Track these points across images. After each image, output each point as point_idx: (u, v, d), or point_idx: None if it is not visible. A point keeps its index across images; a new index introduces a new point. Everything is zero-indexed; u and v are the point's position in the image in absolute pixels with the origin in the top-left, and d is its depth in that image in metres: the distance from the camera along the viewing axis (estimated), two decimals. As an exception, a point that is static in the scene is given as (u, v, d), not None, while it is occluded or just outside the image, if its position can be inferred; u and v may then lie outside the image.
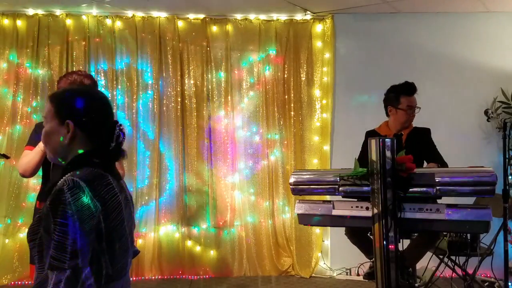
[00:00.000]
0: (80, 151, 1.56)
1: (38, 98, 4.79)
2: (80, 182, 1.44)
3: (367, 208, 2.73)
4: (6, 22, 4.81)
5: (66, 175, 1.48)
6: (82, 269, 1.38)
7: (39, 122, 2.91)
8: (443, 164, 3.32)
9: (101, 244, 1.47)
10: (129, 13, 4.93)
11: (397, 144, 2.73)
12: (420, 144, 3.40)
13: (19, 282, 4.61)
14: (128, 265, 1.62)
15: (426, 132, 3.52)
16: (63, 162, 1.59)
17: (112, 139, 1.59)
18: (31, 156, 2.73)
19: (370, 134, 3.51)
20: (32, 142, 2.80)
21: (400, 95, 3.49)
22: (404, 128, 3.49)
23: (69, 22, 4.88)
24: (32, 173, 2.77)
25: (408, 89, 3.49)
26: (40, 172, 2.81)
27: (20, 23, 4.82)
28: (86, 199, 1.42)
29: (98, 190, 1.47)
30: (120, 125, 1.63)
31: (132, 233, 1.66)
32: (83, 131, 1.56)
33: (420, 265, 3.51)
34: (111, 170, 1.59)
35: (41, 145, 2.67)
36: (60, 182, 1.46)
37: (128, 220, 1.61)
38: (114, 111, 5.15)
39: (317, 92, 5.05)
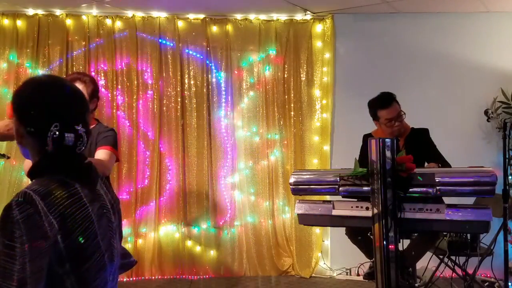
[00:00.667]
0: (40, 155, 1.35)
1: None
2: (32, 196, 1.22)
3: (367, 208, 2.73)
4: (6, 22, 4.81)
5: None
6: None
7: None
8: (444, 163, 3.30)
9: (63, 266, 1.26)
10: (129, 13, 4.94)
11: (396, 146, 2.73)
12: (420, 145, 3.39)
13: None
14: (107, 283, 1.39)
15: (424, 132, 3.51)
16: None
17: (80, 140, 1.35)
18: None
19: (367, 137, 3.49)
20: None
21: (376, 110, 3.41)
22: (398, 135, 3.45)
23: (69, 22, 4.88)
24: None
25: (382, 102, 3.39)
26: None
27: (20, 23, 4.82)
28: (38, 216, 1.20)
29: (55, 204, 1.24)
30: (86, 124, 1.38)
31: (114, 246, 1.42)
32: (36, 129, 1.32)
33: (420, 265, 3.51)
34: (80, 176, 1.36)
35: None
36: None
37: (106, 233, 1.38)
38: (115, 111, 5.12)
39: (317, 92, 5.05)
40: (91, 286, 1.32)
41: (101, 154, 2.72)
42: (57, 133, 1.31)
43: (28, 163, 2.71)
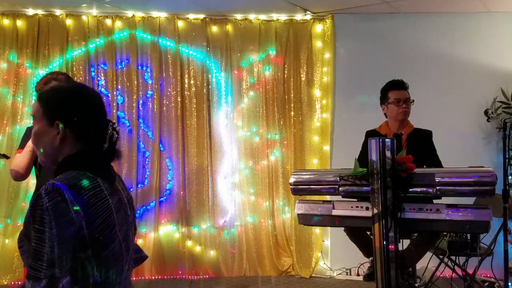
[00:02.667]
0: (72, 152, 1.47)
1: (38, 98, 4.79)
2: (60, 186, 1.34)
3: (367, 208, 2.73)
4: (6, 22, 4.81)
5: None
6: (59, 279, 1.29)
7: (30, 126, 2.91)
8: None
9: (86, 251, 1.37)
10: (129, 13, 4.94)
11: (397, 143, 2.74)
12: (421, 146, 3.38)
13: (19, 282, 4.60)
14: (123, 272, 1.51)
15: (427, 134, 3.51)
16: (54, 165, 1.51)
17: (105, 139, 1.50)
18: (20, 159, 2.72)
19: (371, 134, 3.50)
20: (23, 145, 2.79)
21: (388, 91, 3.51)
22: (401, 124, 3.48)
23: (69, 22, 4.88)
24: (24, 175, 2.76)
25: (394, 83, 3.50)
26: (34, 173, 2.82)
27: (20, 23, 4.82)
28: (65, 204, 1.32)
29: (80, 195, 1.36)
30: (113, 124, 1.55)
31: (130, 238, 1.55)
32: (73, 131, 1.47)
33: (420, 265, 3.51)
34: (102, 171, 1.48)
35: (29, 145, 2.66)
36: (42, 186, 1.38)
37: (123, 224, 1.51)
38: (115, 111, 5.14)
39: (317, 92, 5.05)
40: (109, 272, 1.44)
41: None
42: (111, 131, 1.51)
43: (16, 164, 2.72)
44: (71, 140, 1.47)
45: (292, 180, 2.94)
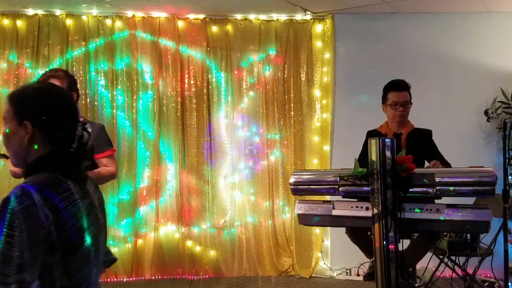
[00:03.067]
0: (41, 153, 1.45)
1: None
2: (29, 190, 1.32)
3: (367, 208, 2.72)
4: (6, 22, 4.81)
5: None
6: (29, 284, 1.27)
7: None
8: (445, 163, 3.30)
9: (54, 255, 1.34)
10: (129, 13, 4.93)
11: (397, 143, 2.73)
12: (421, 145, 3.38)
13: None
14: (92, 276, 1.49)
15: (427, 133, 3.51)
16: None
17: (73, 139, 1.46)
18: None
19: (371, 133, 3.50)
20: None
21: (388, 92, 3.49)
22: (400, 124, 3.48)
23: (69, 22, 4.88)
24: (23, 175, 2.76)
25: (394, 84, 3.48)
26: None
27: (20, 23, 4.82)
28: (34, 208, 1.30)
29: (50, 198, 1.34)
30: (84, 124, 1.51)
31: (100, 241, 1.53)
32: (42, 131, 1.44)
33: (420, 265, 3.51)
34: (72, 174, 1.46)
35: None
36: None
37: (93, 228, 1.47)
38: (115, 111, 5.13)
39: (317, 92, 5.05)
40: (76, 277, 1.41)
41: (108, 162, 2.90)
42: (81, 132, 1.48)
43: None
44: (40, 141, 1.44)
45: (292, 180, 2.93)
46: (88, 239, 1.44)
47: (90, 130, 1.52)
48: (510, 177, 4.22)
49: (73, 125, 1.48)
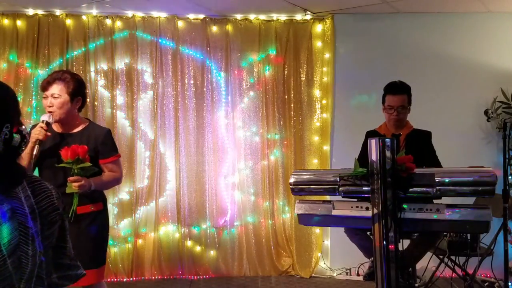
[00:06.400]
0: None
1: (38, 98, 4.79)
2: None
3: (367, 208, 2.73)
4: (6, 22, 4.81)
5: None
6: None
7: (31, 126, 2.92)
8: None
9: None
10: (129, 13, 4.93)
11: (396, 144, 2.74)
12: (420, 147, 3.38)
13: None
14: None
15: (426, 135, 3.50)
16: None
17: None
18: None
19: (370, 134, 3.51)
20: None
21: (386, 94, 3.49)
22: (398, 126, 3.48)
23: (69, 22, 4.88)
24: None
25: (391, 87, 3.46)
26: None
27: (20, 23, 4.82)
28: None
29: None
30: (20, 125, 1.40)
31: (24, 252, 1.35)
32: None
33: (420, 265, 3.51)
34: None
35: (28, 146, 2.65)
36: None
37: (14, 237, 1.33)
38: (115, 111, 5.11)
39: (317, 92, 5.05)
40: None
41: (112, 167, 2.92)
42: (8, 134, 1.34)
43: None
44: None
45: (292, 180, 2.94)
46: (1, 250, 1.28)
47: (25, 133, 1.42)
48: (510, 177, 4.22)
49: (19, 126, 1.38)
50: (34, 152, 2.67)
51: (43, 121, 2.75)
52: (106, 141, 2.89)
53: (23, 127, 1.42)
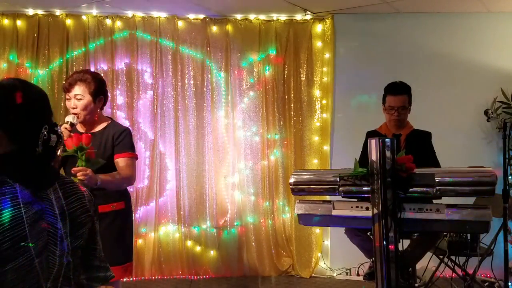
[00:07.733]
0: (1, 153, 1.36)
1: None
2: None
3: (367, 208, 2.73)
4: (6, 22, 4.81)
5: None
6: None
7: None
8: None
9: None
10: (129, 13, 4.93)
11: (396, 145, 2.74)
12: (419, 147, 3.38)
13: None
14: None
15: (426, 135, 3.51)
16: None
17: (37, 142, 1.36)
18: None
19: (371, 134, 3.51)
20: None
21: (386, 95, 3.50)
22: (399, 126, 3.48)
23: (69, 22, 4.88)
24: None
25: (391, 88, 3.47)
26: None
27: (20, 23, 4.82)
28: None
29: None
30: (55, 126, 1.42)
31: (52, 253, 1.37)
32: (6, 132, 1.35)
33: (420, 265, 3.51)
34: (23, 177, 1.35)
35: None
36: None
37: (42, 237, 1.35)
38: (115, 111, 5.12)
39: (317, 92, 5.05)
40: None
41: (123, 164, 2.83)
42: (46, 135, 1.37)
43: None
44: (4, 141, 1.35)
45: (292, 180, 2.93)
46: (29, 249, 1.31)
47: (61, 133, 1.44)
48: (510, 177, 4.22)
49: (38, 127, 1.38)
50: (58, 153, 2.65)
51: (67, 122, 2.73)
52: (121, 138, 2.85)
53: (57, 127, 1.44)
